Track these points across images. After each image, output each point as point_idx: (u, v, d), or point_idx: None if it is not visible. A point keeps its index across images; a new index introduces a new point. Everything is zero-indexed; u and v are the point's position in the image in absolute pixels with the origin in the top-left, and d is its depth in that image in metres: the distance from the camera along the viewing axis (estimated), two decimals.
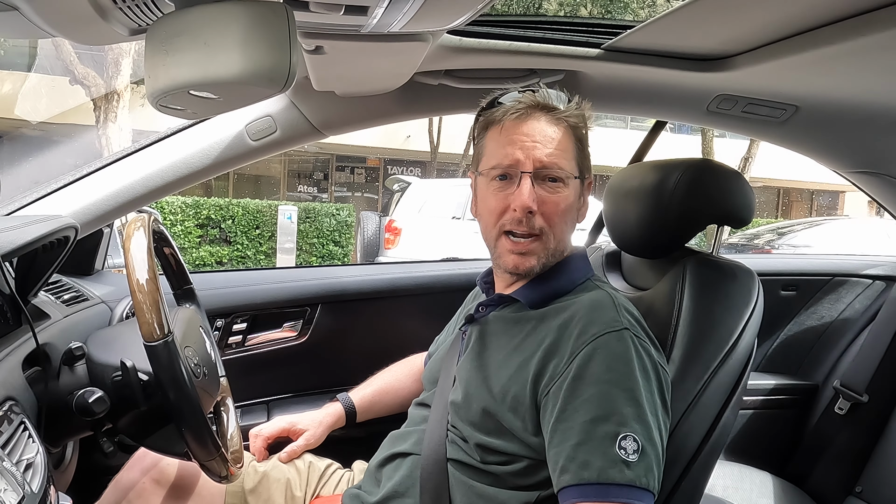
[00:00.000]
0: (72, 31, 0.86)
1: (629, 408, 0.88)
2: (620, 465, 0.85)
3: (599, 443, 0.87)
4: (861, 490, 1.71)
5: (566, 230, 1.05)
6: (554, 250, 1.04)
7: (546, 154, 1.01)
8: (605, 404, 0.89)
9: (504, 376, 1.00)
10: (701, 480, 1.11)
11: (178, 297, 1.29)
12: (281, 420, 1.33)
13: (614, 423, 0.87)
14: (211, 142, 1.43)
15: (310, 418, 1.33)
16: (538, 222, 1.01)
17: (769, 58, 1.16)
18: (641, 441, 0.87)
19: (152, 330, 0.91)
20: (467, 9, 0.92)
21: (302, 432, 1.31)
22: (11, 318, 1.14)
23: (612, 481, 0.85)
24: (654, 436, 0.89)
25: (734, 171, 1.22)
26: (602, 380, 0.90)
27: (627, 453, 0.86)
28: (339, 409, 1.35)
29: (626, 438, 0.86)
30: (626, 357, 0.92)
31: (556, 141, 1.02)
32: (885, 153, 1.63)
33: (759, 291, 1.13)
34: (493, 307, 1.12)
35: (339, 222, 10.61)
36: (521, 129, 1.02)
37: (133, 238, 0.95)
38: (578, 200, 1.06)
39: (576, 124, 1.06)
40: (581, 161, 1.06)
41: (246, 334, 1.73)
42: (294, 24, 0.72)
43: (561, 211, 1.02)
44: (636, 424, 0.88)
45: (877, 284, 2.02)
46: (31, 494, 0.77)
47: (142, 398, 0.99)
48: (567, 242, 1.07)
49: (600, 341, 0.93)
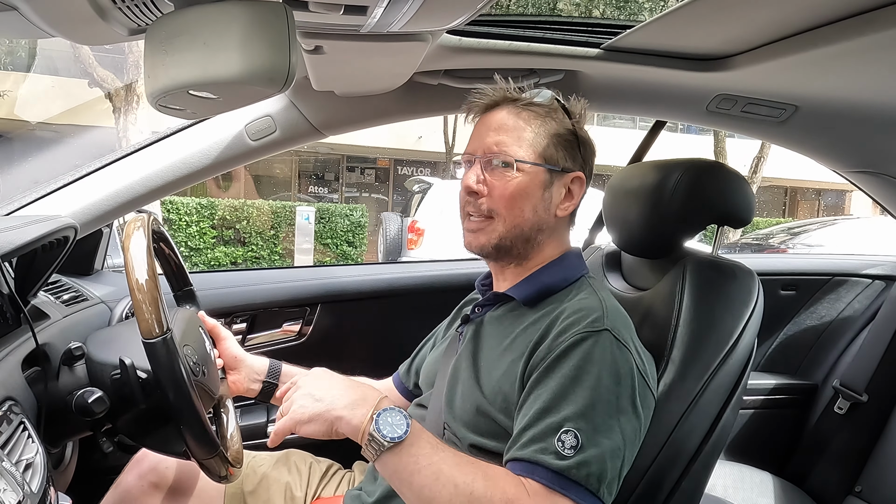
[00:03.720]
0: (71, 31, 0.86)
1: (579, 405, 0.90)
2: (553, 454, 0.88)
3: (542, 430, 0.89)
4: (861, 490, 1.71)
5: (523, 215, 1.05)
6: (510, 233, 1.05)
7: (496, 141, 1.05)
8: (559, 397, 0.91)
9: (495, 376, 1.00)
10: (701, 480, 1.11)
11: (178, 299, 1.29)
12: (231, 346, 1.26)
13: (561, 416, 0.89)
14: (210, 142, 1.43)
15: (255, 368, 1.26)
16: (487, 204, 1.05)
17: (769, 58, 1.16)
18: (582, 439, 0.88)
19: (151, 327, 0.91)
20: (467, 9, 0.92)
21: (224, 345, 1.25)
22: (11, 318, 1.14)
23: (540, 463, 0.88)
24: (602, 439, 0.89)
25: (734, 171, 1.22)
26: (566, 375, 0.92)
27: (564, 447, 0.88)
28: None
29: (567, 433, 0.88)
30: (597, 358, 0.93)
31: (512, 129, 1.05)
32: (885, 153, 1.63)
33: (759, 291, 1.13)
34: (489, 307, 1.12)
35: (352, 223, 10.69)
36: (483, 121, 1.09)
37: (132, 238, 0.95)
38: (546, 190, 1.05)
39: (546, 116, 1.06)
40: (554, 153, 1.05)
41: (246, 334, 1.73)
42: (293, 24, 0.72)
43: (509, 194, 1.04)
44: (582, 422, 0.89)
45: (876, 284, 2.02)
46: (30, 494, 0.77)
47: (141, 396, 0.99)
48: (530, 227, 1.06)
49: (577, 340, 0.94)
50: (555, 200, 1.07)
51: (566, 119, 1.08)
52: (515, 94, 1.08)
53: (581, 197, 1.09)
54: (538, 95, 1.09)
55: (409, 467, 0.87)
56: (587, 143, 1.10)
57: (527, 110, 1.06)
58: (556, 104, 1.08)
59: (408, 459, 0.87)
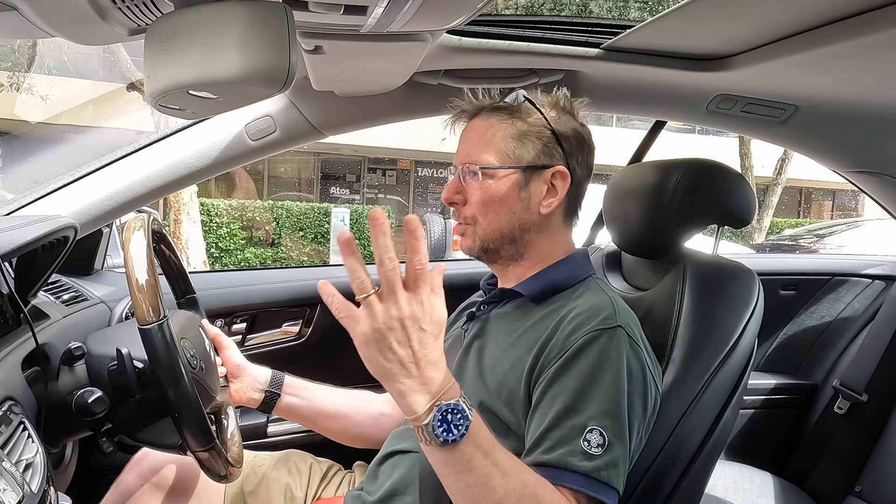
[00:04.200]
0: (71, 31, 0.86)
1: (603, 404, 0.89)
2: (581, 455, 0.87)
3: (567, 432, 0.89)
4: (861, 490, 1.71)
5: (500, 218, 1.05)
6: (490, 236, 1.06)
7: (467, 152, 1.08)
8: (581, 396, 0.90)
9: (500, 372, 1.00)
10: (701, 480, 1.11)
11: (181, 306, 1.29)
12: (226, 345, 1.26)
13: (585, 416, 0.89)
14: (210, 142, 1.43)
15: (237, 363, 1.25)
16: (465, 211, 1.08)
17: (769, 58, 1.16)
18: (608, 437, 0.88)
19: (146, 314, 0.91)
20: (467, 9, 0.92)
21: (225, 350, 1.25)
22: (11, 318, 1.14)
23: (569, 467, 0.87)
24: (625, 436, 0.90)
25: (734, 171, 1.22)
26: (585, 374, 0.91)
27: (591, 446, 0.87)
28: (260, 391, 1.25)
29: (592, 432, 0.88)
30: (614, 355, 0.92)
31: (480, 136, 1.07)
32: (885, 153, 1.63)
33: (760, 291, 1.13)
34: (495, 304, 1.12)
35: None
36: (462, 132, 1.11)
37: (132, 237, 0.95)
38: (523, 190, 1.05)
39: (512, 116, 1.05)
40: (526, 152, 1.04)
41: (246, 334, 1.73)
42: (293, 24, 0.72)
43: (483, 201, 1.05)
44: (606, 420, 0.89)
45: (876, 284, 2.02)
46: (30, 494, 0.77)
47: (136, 386, 0.99)
48: (511, 228, 1.06)
49: (592, 338, 0.93)
50: (535, 198, 1.05)
51: (538, 116, 1.06)
52: (484, 102, 1.09)
53: (567, 191, 1.06)
54: (508, 96, 1.09)
55: (459, 465, 0.81)
56: (569, 136, 1.07)
57: (493, 115, 1.07)
58: (524, 103, 1.07)
59: (459, 457, 0.80)
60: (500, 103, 1.08)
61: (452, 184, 1.09)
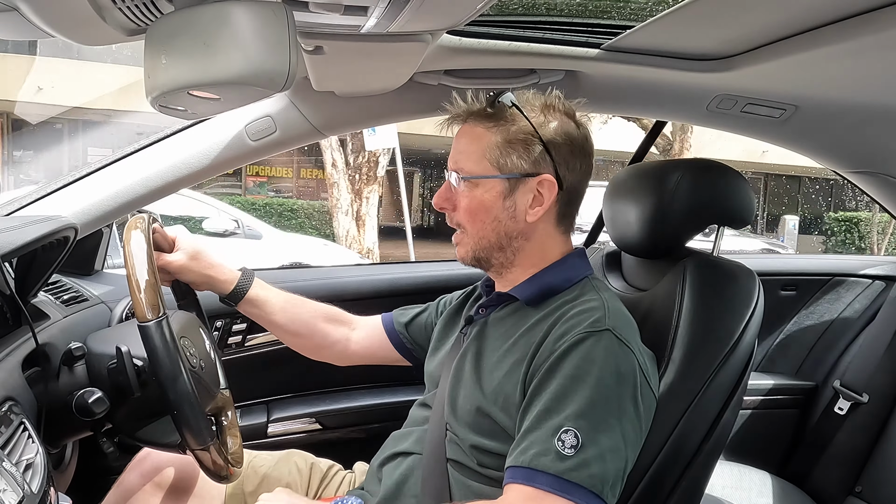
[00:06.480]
0: (71, 32, 0.86)
1: (582, 405, 0.89)
2: (553, 455, 0.87)
3: (543, 433, 0.89)
4: (861, 490, 1.71)
5: (485, 227, 1.05)
6: (479, 245, 1.06)
7: (455, 159, 1.07)
8: (559, 398, 0.91)
9: (497, 377, 1.00)
10: (701, 480, 1.11)
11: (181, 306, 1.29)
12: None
13: (562, 417, 0.89)
14: (211, 142, 1.43)
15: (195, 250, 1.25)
16: (455, 218, 1.08)
17: (769, 58, 1.16)
18: (582, 438, 0.88)
19: (145, 311, 0.91)
20: (467, 9, 0.92)
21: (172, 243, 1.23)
22: (11, 318, 1.14)
23: (539, 468, 0.87)
24: (602, 437, 0.89)
25: (734, 171, 1.22)
26: (566, 375, 0.92)
27: (564, 447, 0.88)
28: (229, 278, 1.27)
29: (567, 433, 0.88)
30: (598, 357, 0.92)
31: (467, 144, 1.06)
32: (885, 153, 1.63)
33: (760, 292, 1.13)
34: (492, 308, 1.12)
35: None
36: (455, 136, 1.10)
37: (132, 237, 0.96)
38: (507, 199, 1.03)
39: (497, 124, 1.03)
40: (509, 161, 1.02)
41: (246, 334, 1.73)
42: (294, 25, 0.72)
43: (470, 209, 1.05)
44: (582, 421, 0.89)
45: (876, 284, 2.02)
46: (30, 495, 0.77)
47: (136, 384, 0.99)
48: (497, 237, 1.05)
49: (578, 340, 0.94)
50: (521, 207, 1.03)
51: (525, 123, 1.02)
52: (473, 107, 1.07)
53: (555, 198, 1.03)
54: (499, 97, 1.04)
55: None
56: (558, 144, 1.02)
57: (480, 123, 1.05)
58: (511, 109, 1.03)
59: None
60: (486, 110, 1.05)
61: (443, 189, 1.09)
